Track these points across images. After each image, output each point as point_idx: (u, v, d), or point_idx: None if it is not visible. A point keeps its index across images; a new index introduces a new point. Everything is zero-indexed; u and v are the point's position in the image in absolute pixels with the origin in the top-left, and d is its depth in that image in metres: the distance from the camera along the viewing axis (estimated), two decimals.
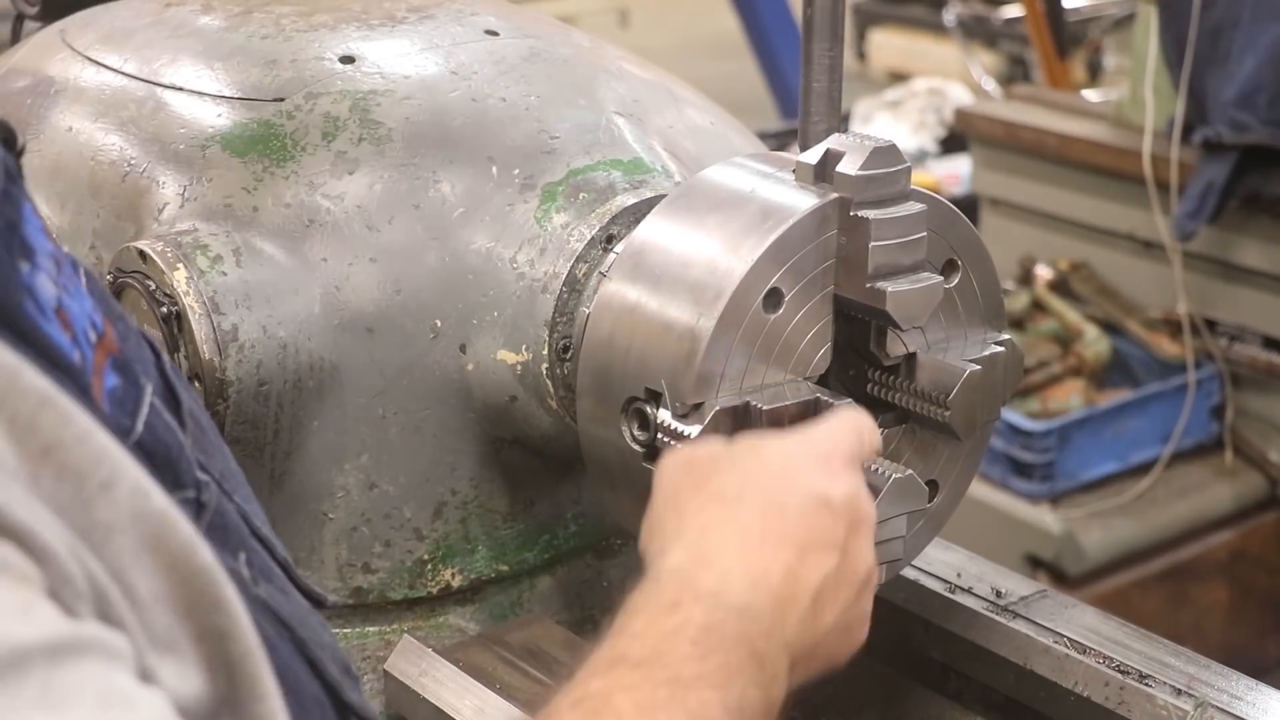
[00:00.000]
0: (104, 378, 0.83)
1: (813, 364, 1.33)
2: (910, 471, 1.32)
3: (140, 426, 0.84)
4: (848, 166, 1.29)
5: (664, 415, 1.29)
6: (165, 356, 0.98)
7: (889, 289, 1.28)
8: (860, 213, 1.29)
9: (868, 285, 1.29)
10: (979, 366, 1.35)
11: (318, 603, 1.05)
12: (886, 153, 1.30)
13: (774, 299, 1.29)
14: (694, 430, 1.27)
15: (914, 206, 1.30)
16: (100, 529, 0.73)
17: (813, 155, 1.32)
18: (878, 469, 1.33)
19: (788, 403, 1.29)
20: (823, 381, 1.35)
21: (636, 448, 1.33)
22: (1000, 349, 1.40)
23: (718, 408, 1.27)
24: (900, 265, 1.30)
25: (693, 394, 1.27)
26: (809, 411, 1.30)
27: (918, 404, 1.36)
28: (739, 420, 1.29)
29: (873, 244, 1.28)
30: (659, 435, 1.30)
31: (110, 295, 0.97)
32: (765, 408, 1.28)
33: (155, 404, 0.86)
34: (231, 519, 0.93)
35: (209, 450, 0.96)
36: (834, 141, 1.32)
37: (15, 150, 0.90)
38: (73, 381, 0.78)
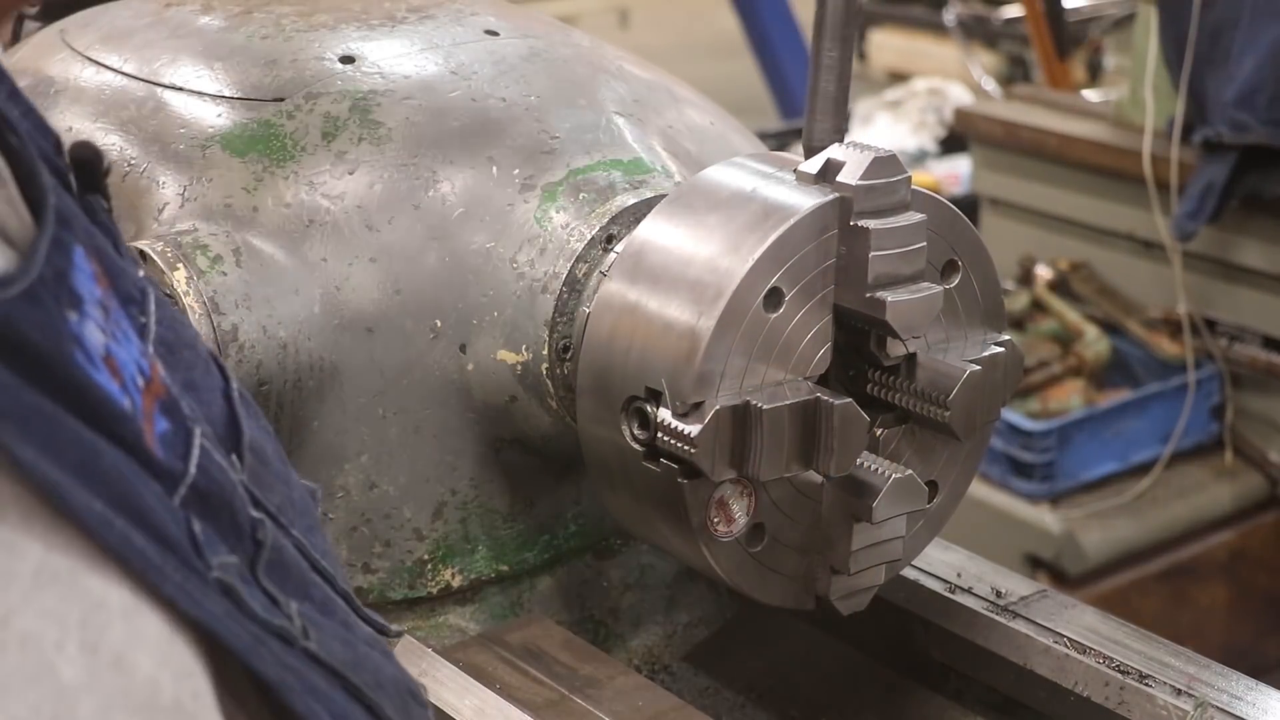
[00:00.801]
0: (154, 423, 0.81)
1: (813, 364, 1.33)
2: (910, 471, 1.33)
3: (193, 469, 0.82)
4: (848, 176, 1.29)
5: (664, 414, 1.29)
6: (234, 382, 0.97)
7: (889, 299, 1.28)
8: (860, 222, 1.29)
9: (867, 295, 1.29)
10: (979, 367, 1.35)
11: (382, 631, 1.02)
12: (887, 162, 1.30)
13: (774, 298, 1.29)
14: (694, 429, 1.27)
15: (914, 216, 1.31)
16: None
17: (813, 164, 1.32)
18: (877, 469, 1.33)
19: (788, 402, 1.29)
20: (823, 381, 1.35)
21: (636, 447, 1.33)
22: (1000, 349, 1.40)
23: (718, 406, 1.28)
24: (900, 275, 1.30)
25: (693, 393, 1.28)
26: (809, 411, 1.30)
27: (917, 404, 1.36)
28: (739, 419, 1.29)
29: (873, 254, 1.28)
30: (659, 434, 1.30)
31: (181, 320, 0.94)
32: (765, 407, 1.28)
33: (205, 445, 0.84)
34: (289, 555, 0.91)
35: (267, 483, 0.94)
36: (834, 151, 1.32)
37: (101, 172, 0.90)
38: (126, 430, 0.76)
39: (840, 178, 1.29)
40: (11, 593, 0.68)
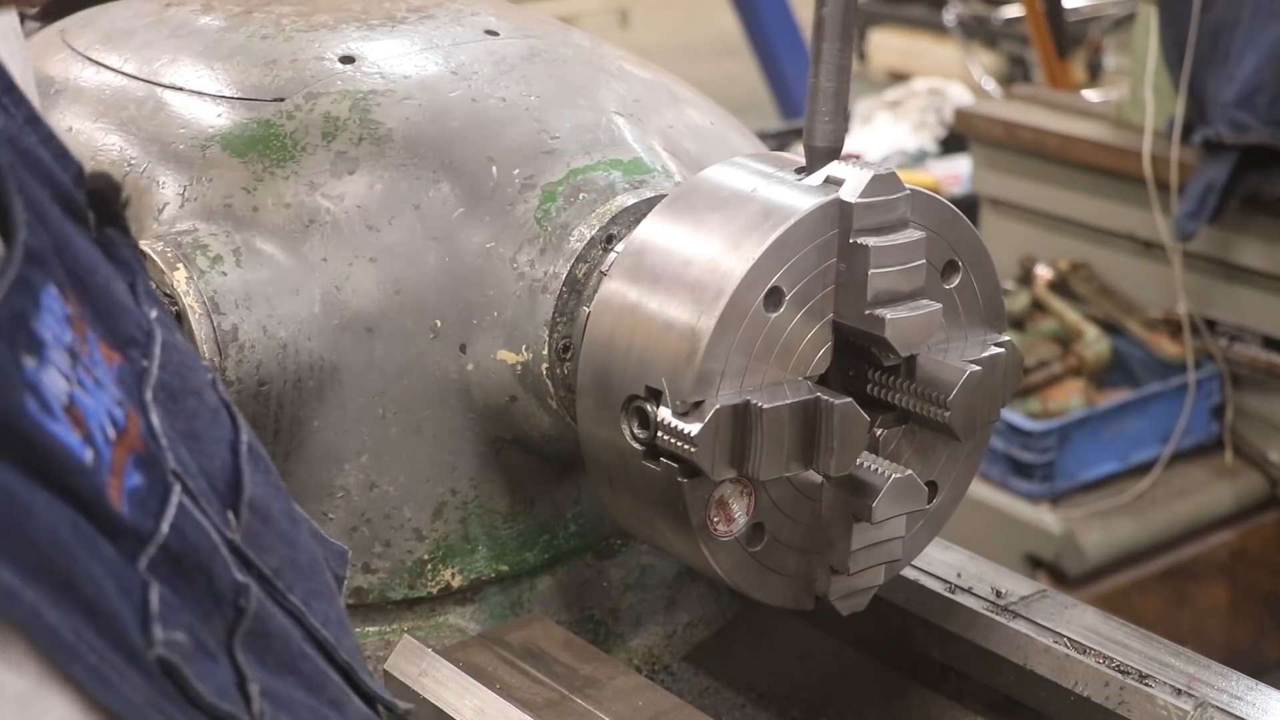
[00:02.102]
0: (124, 477, 0.76)
1: (813, 364, 1.33)
2: (909, 472, 1.32)
3: (165, 528, 0.77)
4: (847, 193, 1.29)
5: (664, 414, 1.29)
6: (245, 434, 0.92)
7: (888, 316, 1.28)
8: (859, 240, 1.29)
9: (867, 312, 1.29)
10: (979, 368, 1.35)
11: (389, 708, 0.97)
12: (886, 180, 1.30)
13: (775, 298, 1.29)
14: (694, 428, 1.27)
15: (913, 234, 1.31)
16: None
17: (814, 180, 1.33)
18: (877, 469, 1.33)
19: (788, 401, 1.29)
20: (823, 381, 1.35)
21: (636, 446, 1.33)
22: (1000, 350, 1.40)
23: (718, 406, 1.28)
24: (899, 292, 1.30)
25: (693, 392, 1.28)
26: (809, 410, 1.30)
27: (917, 404, 1.36)
28: (739, 418, 1.29)
29: (872, 271, 1.28)
30: (659, 434, 1.30)
31: (186, 368, 0.88)
32: (765, 406, 1.28)
33: (184, 503, 0.80)
34: (276, 624, 0.85)
35: (266, 544, 0.88)
36: (834, 168, 1.32)
37: (119, 204, 0.86)
38: (82, 485, 0.72)
39: (840, 195, 1.30)
40: None
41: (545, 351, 1.46)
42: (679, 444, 1.28)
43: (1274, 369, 3.84)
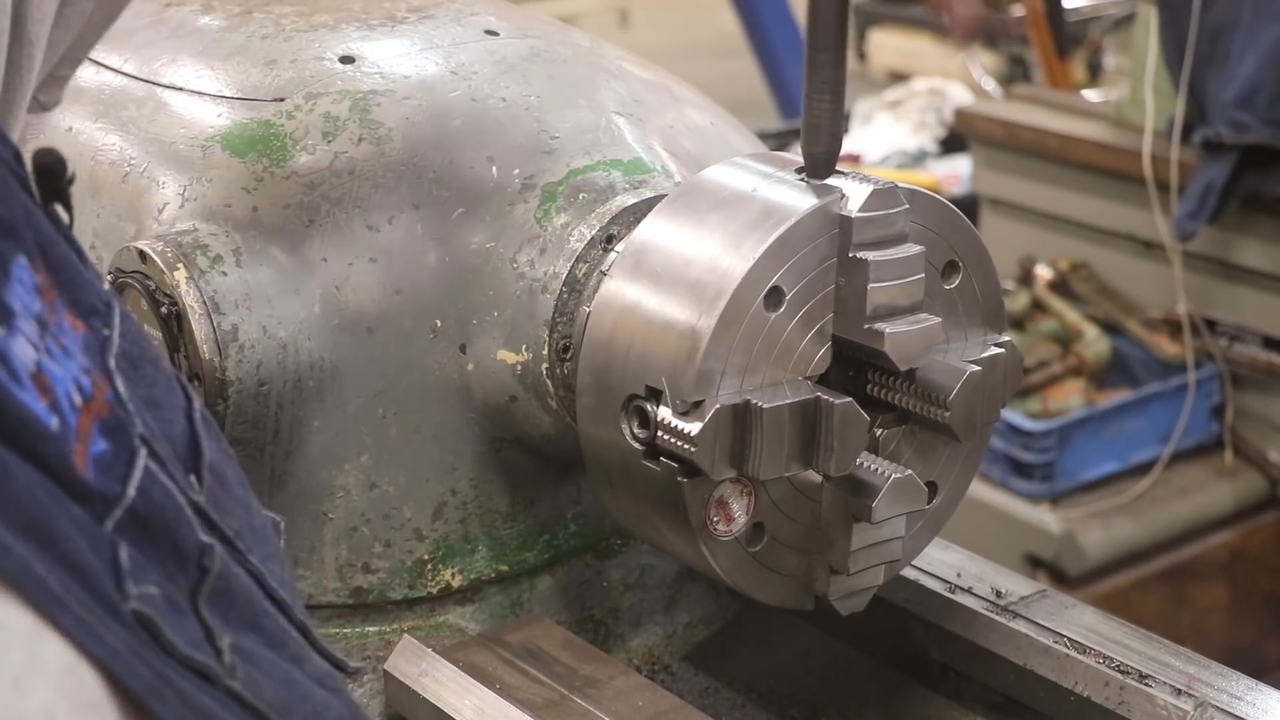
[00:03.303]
0: (89, 443, 0.78)
1: (813, 364, 1.33)
2: (910, 472, 1.32)
3: (132, 491, 0.80)
4: (847, 207, 1.29)
5: (664, 413, 1.29)
6: (197, 402, 0.95)
7: (887, 330, 1.28)
8: (858, 254, 1.29)
9: (866, 326, 1.29)
10: (979, 368, 1.35)
11: (339, 667, 0.99)
12: (886, 194, 1.30)
13: (775, 298, 1.29)
14: (694, 428, 1.27)
15: (912, 248, 1.31)
16: None
17: (813, 183, 1.33)
18: (877, 469, 1.32)
19: (788, 401, 1.29)
20: (823, 381, 1.35)
21: (636, 445, 1.33)
22: (1000, 350, 1.40)
23: (718, 405, 1.28)
24: (899, 307, 1.30)
25: (693, 392, 1.28)
26: (809, 410, 1.30)
27: (917, 405, 1.36)
28: (739, 418, 1.29)
29: (871, 285, 1.28)
30: (659, 433, 1.30)
31: (146, 336, 0.91)
32: (765, 406, 1.28)
33: (150, 467, 0.82)
34: (239, 583, 0.88)
35: (226, 507, 0.91)
36: (833, 181, 1.33)
37: (64, 180, 0.87)
38: (49, 451, 0.74)
39: (839, 210, 1.30)
40: None
41: (545, 351, 1.46)
42: (679, 444, 1.28)
43: (1274, 369, 3.84)
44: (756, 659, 1.65)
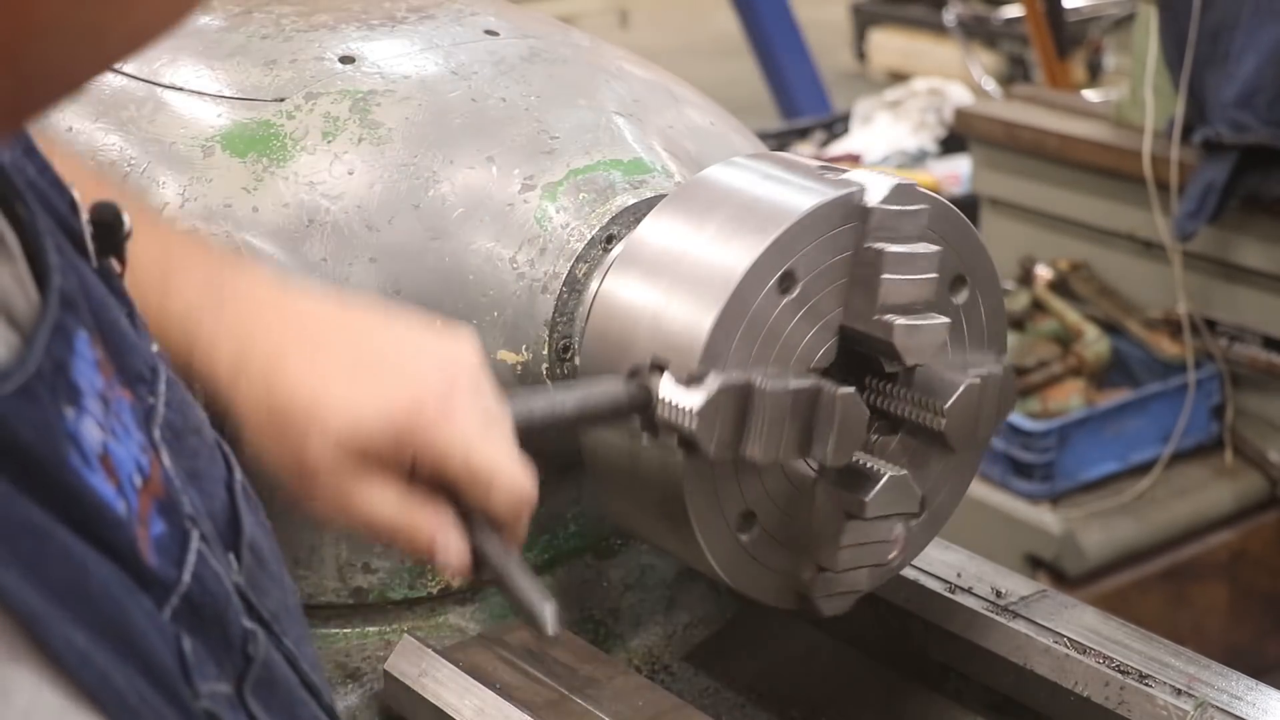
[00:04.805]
0: (150, 526, 0.74)
1: (817, 357, 1.33)
2: (905, 472, 1.32)
3: (188, 578, 0.75)
4: (869, 198, 1.30)
5: (666, 387, 1.27)
6: (238, 473, 0.90)
7: (896, 322, 1.29)
8: (875, 244, 1.29)
9: (876, 317, 1.29)
10: (978, 379, 1.35)
11: None
12: (907, 191, 1.31)
13: (788, 282, 1.29)
14: (696, 401, 1.25)
15: (930, 247, 1.31)
16: None
17: (834, 177, 1.33)
18: (873, 466, 1.32)
19: (790, 386, 1.28)
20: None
21: (635, 417, 1.31)
22: (999, 371, 1.39)
23: (721, 382, 1.26)
24: (910, 302, 1.30)
25: (698, 365, 1.27)
26: (810, 397, 1.29)
27: (914, 411, 1.36)
28: (740, 399, 1.27)
29: (885, 277, 1.29)
30: (660, 409, 1.27)
31: (186, 404, 0.87)
32: (768, 388, 1.27)
33: (202, 551, 0.78)
34: (280, 672, 0.84)
35: (264, 586, 0.87)
36: (856, 174, 1.33)
37: (122, 235, 0.84)
38: (119, 538, 0.70)
39: (860, 201, 1.30)
40: None
41: (545, 351, 1.46)
42: (679, 419, 1.27)
43: (1274, 369, 3.84)
44: (756, 659, 1.65)
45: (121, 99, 1.58)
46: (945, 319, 1.32)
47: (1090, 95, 5.34)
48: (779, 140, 5.61)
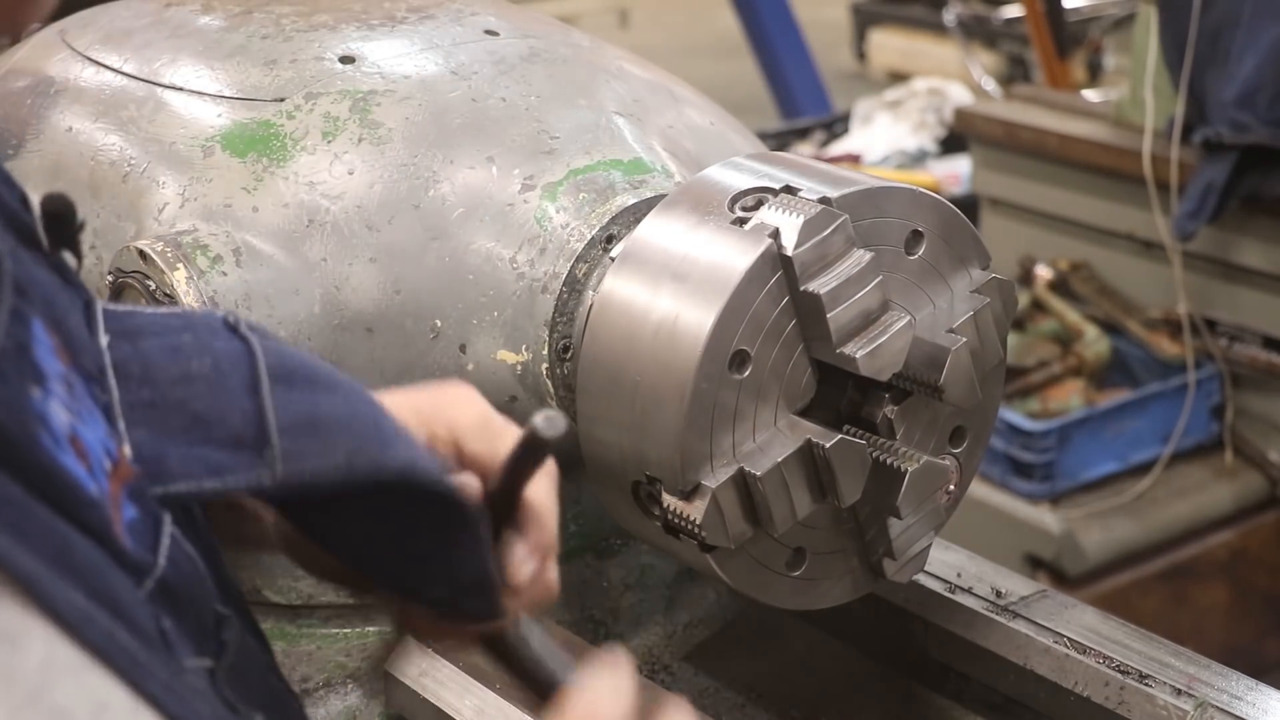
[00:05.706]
0: (121, 509, 0.74)
1: (800, 392, 1.33)
2: (925, 458, 1.32)
3: (163, 561, 0.75)
4: (784, 245, 1.27)
5: (669, 498, 1.30)
6: None
7: (859, 354, 1.28)
8: (809, 288, 1.27)
9: (838, 351, 1.29)
10: (964, 338, 1.34)
11: None
12: (818, 218, 1.27)
13: (739, 359, 1.28)
14: (698, 513, 1.28)
15: (861, 257, 1.28)
16: None
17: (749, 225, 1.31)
18: (893, 463, 1.33)
19: (779, 459, 1.29)
20: (821, 389, 1.35)
21: (657, 524, 1.34)
22: (986, 300, 1.38)
23: (714, 486, 1.28)
24: (863, 320, 1.29)
25: (685, 480, 1.28)
26: (804, 455, 1.30)
27: (915, 388, 1.36)
28: (740, 487, 1.29)
29: (830, 314, 1.27)
30: (670, 516, 1.31)
31: (109, 390, 0.84)
32: (760, 474, 1.28)
33: (175, 535, 0.78)
34: (253, 656, 0.85)
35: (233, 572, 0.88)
36: (765, 215, 1.29)
37: (75, 227, 0.83)
38: (94, 519, 0.70)
39: (777, 250, 1.28)
40: (15, 692, 0.61)
41: (545, 351, 1.46)
42: (690, 528, 1.29)
43: (1274, 369, 3.83)
44: (756, 659, 1.65)
45: (121, 99, 1.58)
46: (906, 318, 1.31)
47: (1090, 95, 5.34)
48: (779, 140, 5.60)
